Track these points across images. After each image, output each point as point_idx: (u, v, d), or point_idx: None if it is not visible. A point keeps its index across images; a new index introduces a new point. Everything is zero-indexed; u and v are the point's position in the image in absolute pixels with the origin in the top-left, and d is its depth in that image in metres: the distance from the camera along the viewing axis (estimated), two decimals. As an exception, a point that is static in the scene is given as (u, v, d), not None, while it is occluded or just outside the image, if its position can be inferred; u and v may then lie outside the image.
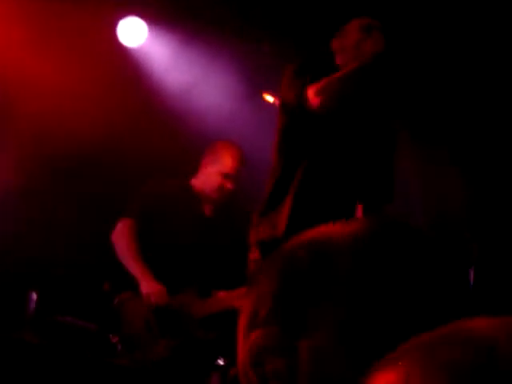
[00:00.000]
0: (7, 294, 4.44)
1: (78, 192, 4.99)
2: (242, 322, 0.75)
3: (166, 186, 4.24)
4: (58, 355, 4.02)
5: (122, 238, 4.06)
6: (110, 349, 3.98)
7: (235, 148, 4.27)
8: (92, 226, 4.78)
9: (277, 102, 5.18)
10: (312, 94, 3.06)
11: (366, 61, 3.15)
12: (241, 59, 5.06)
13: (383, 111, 3.36)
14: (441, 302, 0.69)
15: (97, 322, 4.26)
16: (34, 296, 4.33)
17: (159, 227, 4.10)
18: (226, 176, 4.18)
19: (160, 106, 5.11)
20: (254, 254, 3.12)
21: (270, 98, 5.13)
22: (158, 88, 5.11)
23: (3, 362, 3.81)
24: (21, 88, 4.71)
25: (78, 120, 4.73)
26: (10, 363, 3.82)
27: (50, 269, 4.92)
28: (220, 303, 3.99)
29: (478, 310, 0.62)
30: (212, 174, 4.20)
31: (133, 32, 4.90)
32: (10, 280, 4.65)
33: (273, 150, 3.34)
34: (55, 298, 4.69)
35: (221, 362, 3.89)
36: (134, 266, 3.98)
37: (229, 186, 4.18)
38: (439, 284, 0.70)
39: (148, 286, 3.92)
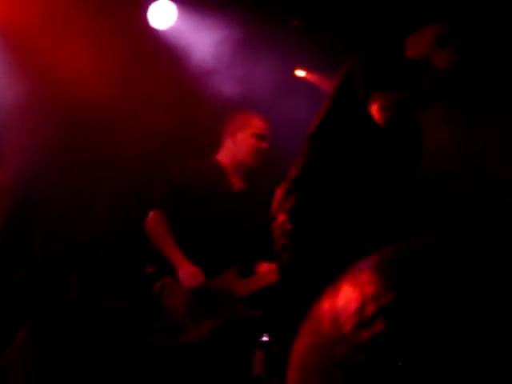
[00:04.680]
0: (51, 282, 4.48)
1: (117, 177, 5.01)
2: None
3: (192, 167, 4.21)
4: (102, 339, 4.05)
5: (154, 227, 4.07)
6: (153, 333, 4.00)
7: (257, 113, 4.29)
8: (132, 212, 4.80)
9: (308, 77, 5.17)
10: (377, 107, 2.91)
11: (438, 76, 3.04)
12: (271, 36, 5.02)
13: None
14: None
15: (139, 307, 4.29)
16: (78, 282, 4.37)
17: (191, 211, 4.09)
18: (259, 136, 4.20)
19: (189, 87, 5.10)
20: (287, 226, 3.06)
21: (301, 73, 5.10)
22: (186, 68, 5.10)
23: (49, 347, 3.85)
24: (61, 70, 4.75)
25: (110, 102, 4.76)
26: (56, 348, 3.86)
27: (93, 255, 4.96)
28: (263, 279, 3.99)
29: None
30: (245, 140, 4.20)
31: (163, 14, 4.90)
32: (54, 267, 4.70)
33: (310, 127, 3.22)
34: (98, 284, 4.72)
35: (265, 339, 3.89)
36: (168, 254, 4.00)
37: (264, 145, 4.19)
38: None
39: (184, 270, 3.94)
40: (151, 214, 4.10)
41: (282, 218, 3.06)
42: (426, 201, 4.19)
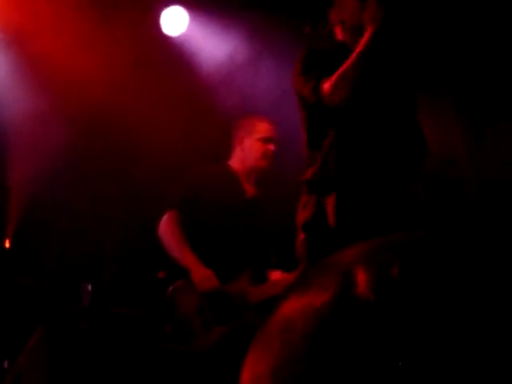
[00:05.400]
0: (64, 287, 4.49)
1: (129, 182, 5.03)
2: None
3: (205, 172, 4.24)
4: (113, 344, 4.06)
5: (167, 230, 4.06)
6: (164, 337, 4.00)
7: (262, 117, 4.33)
8: (145, 216, 4.81)
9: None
10: (327, 90, 2.87)
11: (369, 38, 2.85)
12: (283, 44, 5.05)
13: (399, 74, 3.15)
14: None
15: (151, 311, 4.29)
16: (89, 288, 4.38)
17: (204, 215, 4.10)
18: (265, 140, 4.26)
19: (201, 94, 5.13)
20: (301, 236, 3.07)
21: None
22: (197, 75, 5.13)
23: (62, 352, 3.86)
24: (72, 76, 4.77)
25: (121, 108, 4.78)
26: (68, 353, 3.87)
27: (105, 260, 4.97)
28: (276, 287, 3.98)
29: None
30: (252, 145, 4.26)
31: (175, 21, 4.92)
32: (66, 273, 4.71)
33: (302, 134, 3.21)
34: (110, 290, 4.73)
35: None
36: (181, 257, 3.99)
37: (271, 147, 4.26)
38: None
39: (197, 273, 3.94)
40: (164, 217, 4.11)
41: (299, 227, 3.07)
42: (431, 199, 4.19)
